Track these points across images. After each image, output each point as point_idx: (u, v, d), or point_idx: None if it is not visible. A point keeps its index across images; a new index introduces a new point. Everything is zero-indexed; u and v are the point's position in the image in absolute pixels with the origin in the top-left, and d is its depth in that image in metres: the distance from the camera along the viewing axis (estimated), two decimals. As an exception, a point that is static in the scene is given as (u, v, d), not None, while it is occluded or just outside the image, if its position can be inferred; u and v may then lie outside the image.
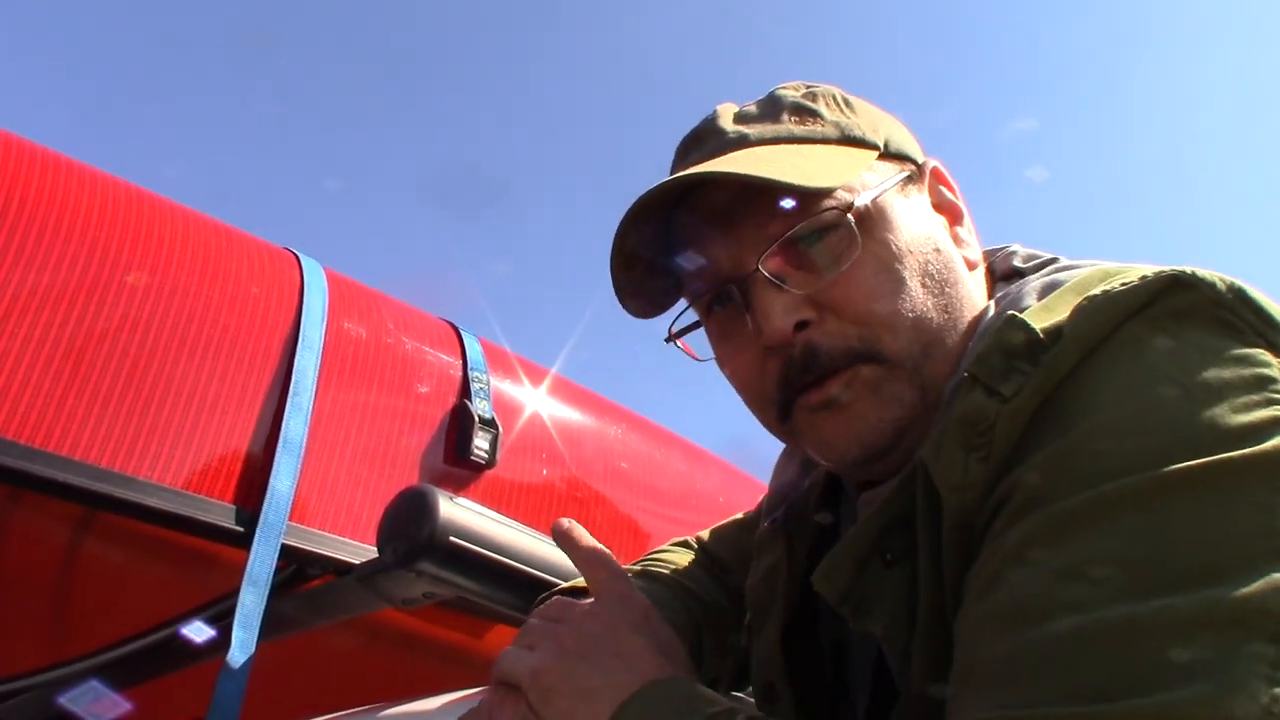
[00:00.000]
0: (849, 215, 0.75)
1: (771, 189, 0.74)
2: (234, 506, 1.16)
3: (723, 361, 0.84)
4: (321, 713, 1.07)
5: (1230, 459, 0.55)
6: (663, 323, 0.89)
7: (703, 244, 0.80)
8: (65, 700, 1.25)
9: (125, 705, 1.23)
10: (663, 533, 1.64)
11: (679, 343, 0.87)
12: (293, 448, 1.19)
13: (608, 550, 0.85)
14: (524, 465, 1.44)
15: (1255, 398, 0.58)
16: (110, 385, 1.10)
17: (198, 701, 1.26)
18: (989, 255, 0.87)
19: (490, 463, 1.38)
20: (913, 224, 0.79)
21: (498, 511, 1.11)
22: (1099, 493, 0.56)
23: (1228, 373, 0.59)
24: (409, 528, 1.07)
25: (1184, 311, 0.62)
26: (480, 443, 1.38)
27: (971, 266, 0.82)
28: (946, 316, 0.77)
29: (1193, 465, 0.55)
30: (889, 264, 0.76)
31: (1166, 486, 0.55)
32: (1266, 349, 0.60)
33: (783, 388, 0.77)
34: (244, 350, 1.22)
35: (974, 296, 0.80)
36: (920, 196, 0.82)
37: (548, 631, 0.76)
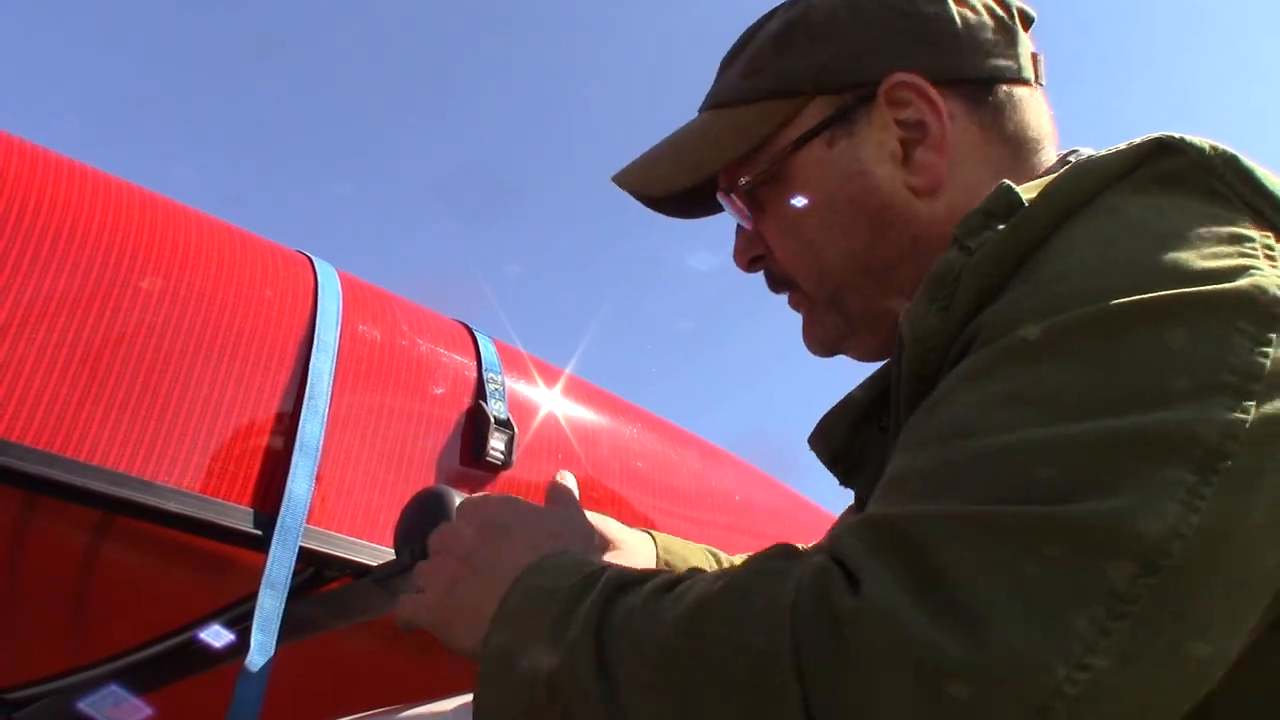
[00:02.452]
0: (745, 189, 0.85)
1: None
2: (252, 510, 1.16)
3: None
4: (340, 715, 1.07)
5: (1189, 293, 0.54)
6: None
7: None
8: (84, 705, 1.25)
9: (144, 710, 1.23)
10: (679, 532, 1.63)
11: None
12: (309, 450, 1.19)
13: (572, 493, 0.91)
14: (540, 466, 1.44)
15: (1227, 249, 0.56)
16: (127, 390, 1.10)
17: (217, 705, 1.26)
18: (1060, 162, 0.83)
19: (506, 464, 1.38)
20: (822, 177, 0.82)
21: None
22: (1053, 322, 0.55)
23: (1204, 229, 0.58)
24: (425, 528, 1.07)
25: (1169, 176, 0.60)
26: (496, 444, 1.38)
27: (924, 191, 0.80)
28: (851, 260, 0.82)
29: (1150, 298, 0.54)
30: (790, 222, 0.84)
31: (1118, 317, 0.54)
32: (1252, 218, 0.59)
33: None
34: (259, 353, 1.22)
35: (910, 225, 0.80)
36: (860, 130, 0.81)
37: (433, 567, 0.78)
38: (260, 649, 1.04)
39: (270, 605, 1.07)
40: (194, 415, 1.15)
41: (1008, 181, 0.64)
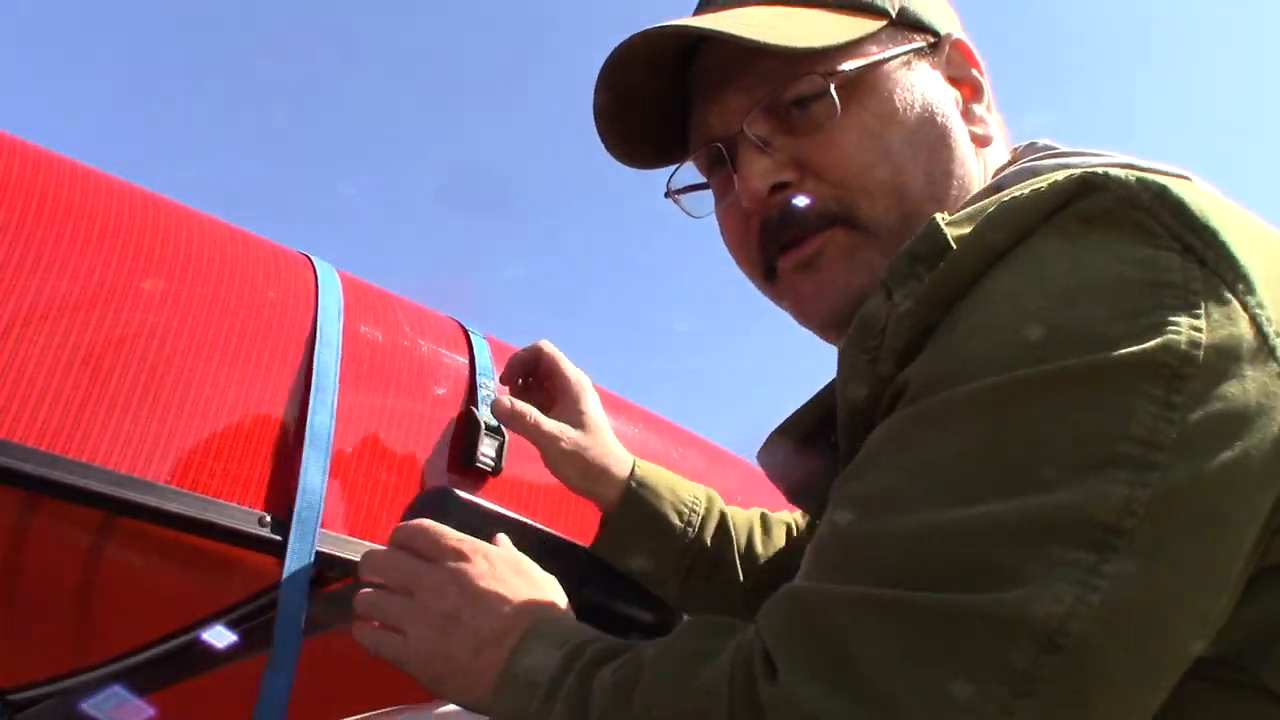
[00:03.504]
0: (831, 81, 0.76)
1: (759, 52, 0.75)
2: (255, 510, 1.16)
3: (719, 221, 0.86)
4: (342, 715, 1.07)
5: (1093, 361, 0.53)
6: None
7: (700, 105, 0.82)
8: (88, 706, 1.25)
9: (148, 710, 1.24)
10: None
11: (677, 199, 0.90)
12: (320, 442, 1.19)
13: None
14: (540, 467, 1.44)
15: (1142, 302, 0.54)
16: (129, 391, 1.11)
17: (220, 706, 1.26)
18: (1019, 151, 0.83)
19: (496, 470, 1.37)
20: (908, 94, 0.78)
21: (518, 513, 1.11)
22: (956, 392, 0.56)
23: (1123, 275, 0.56)
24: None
25: (1094, 215, 0.58)
26: (486, 450, 1.37)
27: (982, 143, 0.81)
28: (931, 188, 0.77)
29: (1053, 368, 0.54)
30: (873, 130, 0.76)
31: (1022, 388, 0.54)
32: (1181, 253, 0.56)
33: (764, 247, 0.79)
34: (262, 354, 1.22)
35: (970, 172, 0.79)
36: (931, 70, 0.81)
37: (406, 611, 0.78)
38: (285, 644, 1.04)
39: (293, 599, 1.08)
40: (197, 416, 1.15)
41: (937, 219, 0.63)
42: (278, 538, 1.16)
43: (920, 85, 0.79)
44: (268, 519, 1.16)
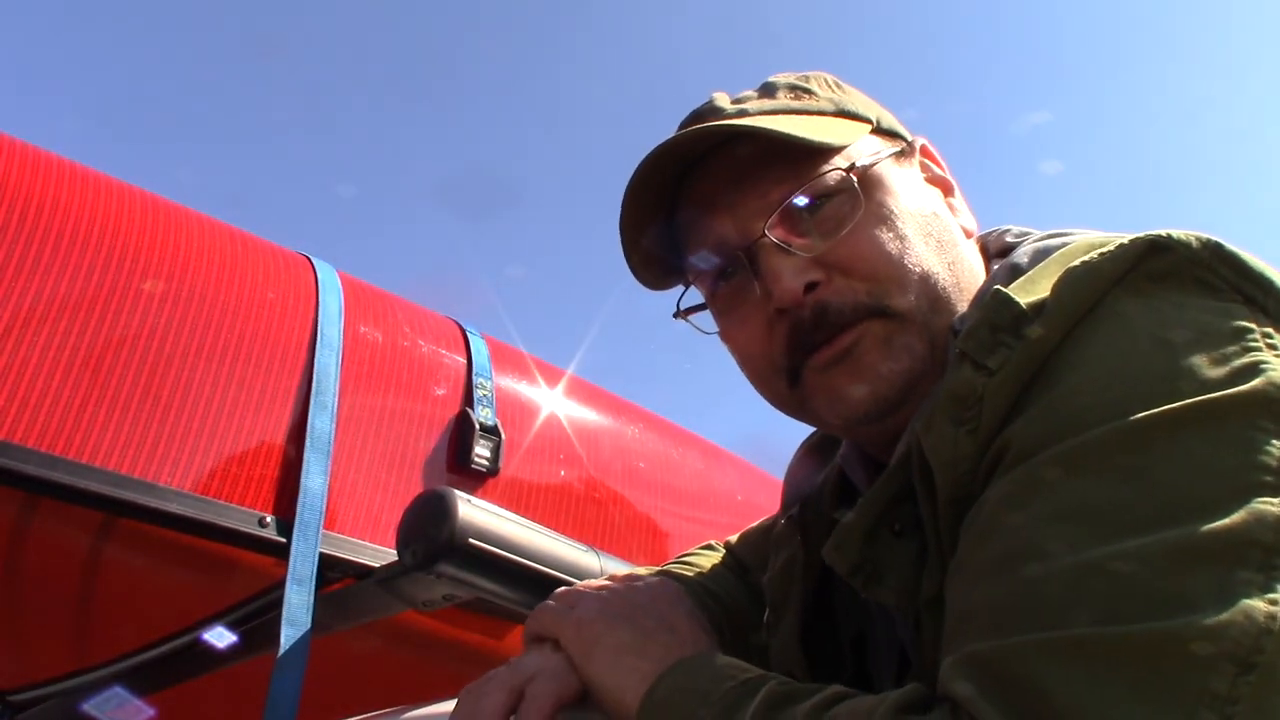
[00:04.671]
0: (851, 176, 0.78)
1: (774, 157, 0.77)
2: (256, 510, 1.17)
3: (728, 335, 0.85)
4: (342, 716, 1.07)
5: (1208, 400, 0.56)
6: (678, 320, 0.90)
7: (707, 217, 0.82)
8: (88, 707, 1.25)
9: (148, 711, 1.24)
10: (681, 532, 1.64)
11: (687, 319, 0.89)
12: (321, 444, 1.19)
13: None
14: (539, 467, 1.44)
15: (1232, 348, 0.59)
16: (129, 392, 1.11)
17: (220, 705, 1.26)
18: (983, 238, 0.88)
19: (492, 470, 1.37)
20: (909, 190, 0.82)
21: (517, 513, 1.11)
22: (1082, 439, 0.57)
23: (1204, 327, 0.60)
24: (428, 530, 1.07)
25: (1162, 274, 0.63)
26: (481, 451, 1.37)
27: (968, 235, 0.85)
28: (950, 274, 0.79)
29: (1172, 408, 0.56)
30: (892, 223, 0.78)
31: (1148, 429, 0.56)
32: (1243, 302, 0.62)
33: (791, 351, 0.79)
34: (262, 354, 1.22)
35: (973, 263, 0.82)
36: (912, 170, 0.85)
37: (589, 593, 0.80)
38: (291, 643, 1.04)
39: (298, 600, 1.08)
40: (197, 417, 1.15)
41: (1005, 291, 0.65)
42: (280, 539, 1.16)
43: (914, 182, 0.84)
44: (269, 520, 1.17)
